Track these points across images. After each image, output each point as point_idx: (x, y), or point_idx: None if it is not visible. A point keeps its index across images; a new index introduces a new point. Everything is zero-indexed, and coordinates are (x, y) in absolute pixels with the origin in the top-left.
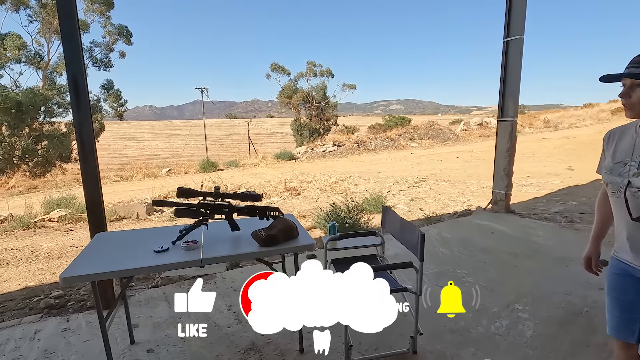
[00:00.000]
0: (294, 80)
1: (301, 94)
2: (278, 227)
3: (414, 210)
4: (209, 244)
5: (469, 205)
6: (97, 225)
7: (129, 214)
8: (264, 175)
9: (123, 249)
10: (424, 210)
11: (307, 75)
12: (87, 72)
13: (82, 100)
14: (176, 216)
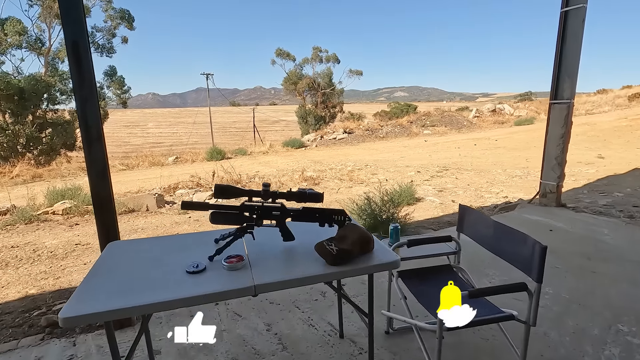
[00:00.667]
0: (299, 67)
1: (307, 81)
2: (352, 239)
3: (447, 202)
4: (257, 261)
5: (503, 197)
6: (106, 226)
7: (138, 206)
8: (274, 164)
9: (144, 268)
10: (457, 202)
11: (313, 61)
12: (90, 44)
13: (85, 74)
14: (213, 222)
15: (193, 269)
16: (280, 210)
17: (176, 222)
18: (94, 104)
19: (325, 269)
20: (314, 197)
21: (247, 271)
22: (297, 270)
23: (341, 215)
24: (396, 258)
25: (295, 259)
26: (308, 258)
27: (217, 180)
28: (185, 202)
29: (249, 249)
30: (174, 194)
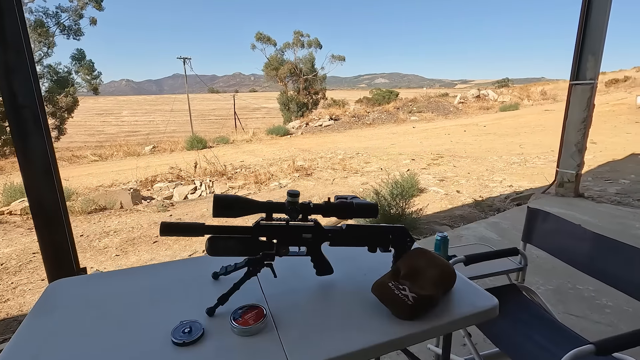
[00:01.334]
0: (280, 52)
1: (288, 66)
2: (429, 274)
3: (452, 193)
4: (284, 315)
5: (508, 186)
6: (53, 247)
7: (111, 203)
8: (260, 153)
9: (104, 332)
10: (463, 193)
11: (294, 46)
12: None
13: (9, 32)
14: (212, 253)
15: (182, 336)
16: (314, 231)
17: (155, 222)
18: (26, 76)
19: (397, 328)
20: (364, 209)
21: (270, 337)
22: (353, 332)
23: (403, 236)
24: (494, 303)
25: (343, 307)
26: (361, 305)
27: (201, 172)
28: (166, 224)
29: (267, 293)
30: (151, 187)
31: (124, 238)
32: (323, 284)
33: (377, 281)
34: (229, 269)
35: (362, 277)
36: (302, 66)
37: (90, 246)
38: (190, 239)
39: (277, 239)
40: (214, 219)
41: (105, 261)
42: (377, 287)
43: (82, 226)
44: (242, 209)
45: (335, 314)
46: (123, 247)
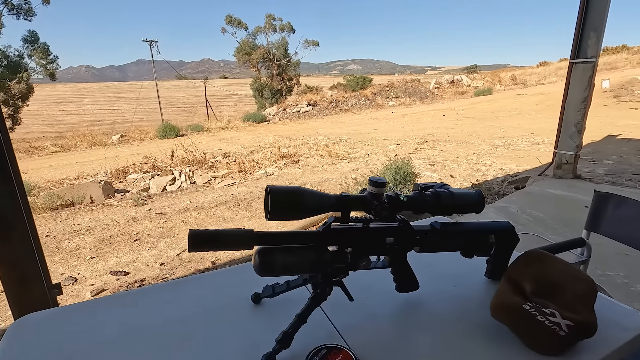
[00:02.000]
0: (252, 36)
1: (261, 51)
2: (577, 293)
3: (446, 178)
4: (367, 356)
5: (499, 169)
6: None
7: (79, 197)
8: (238, 141)
9: None
10: (457, 177)
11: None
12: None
13: None
14: (264, 273)
15: None
16: (401, 234)
17: (133, 218)
18: None
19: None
20: (467, 202)
21: None
22: None
23: (509, 235)
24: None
25: (448, 340)
26: (471, 334)
27: (178, 162)
28: (197, 234)
29: (339, 325)
30: (124, 179)
31: (99, 237)
32: (408, 304)
33: (500, 301)
34: (278, 290)
35: (452, 291)
36: (275, 51)
37: (59, 248)
38: (176, 235)
39: (353, 247)
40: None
41: (79, 265)
42: (506, 311)
43: (47, 225)
44: (309, 208)
45: (441, 351)
46: (98, 247)
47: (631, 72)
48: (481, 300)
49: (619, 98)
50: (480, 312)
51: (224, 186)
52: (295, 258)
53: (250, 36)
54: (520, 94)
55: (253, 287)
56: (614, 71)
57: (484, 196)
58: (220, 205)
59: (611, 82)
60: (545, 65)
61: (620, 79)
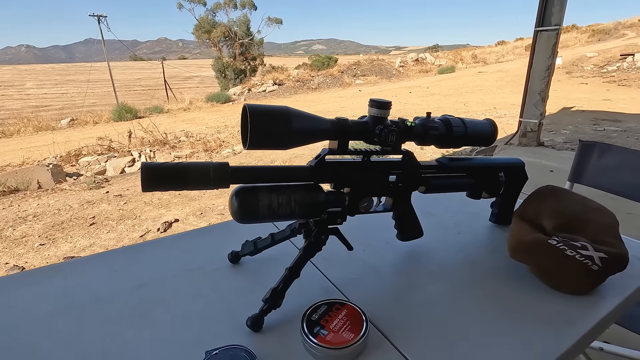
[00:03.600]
0: (211, 12)
1: (222, 29)
2: (605, 224)
3: (416, 151)
4: (376, 313)
5: None
6: None
7: (25, 183)
8: (201, 121)
9: None
10: (427, 150)
11: (226, 7)
12: None
13: None
14: (244, 219)
15: None
16: (406, 170)
17: (88, 202)
18: None
19: (574, 313)
20: (478, 133)
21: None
22: (504, 335)
23: (519, 174)
24: None
25: (462, 291)
26: (491, 281)
27: (137, 143)
28: (151, 168)
29: (335, 279)
30: (77, 163)
31: (49, 223)
32: (412, 254)
33: (519, 239)
34: (261, 245)
35: (457, 238)
36: (237, 29)
37: (2, 237)
38: (138, 216)
39: (352, 185)
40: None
41: (26, 253)
42: (528, 250)
43: None
44: (298, 134)
45: (454, 299)
46: (49, 233)
47: (581, 50)
48: (490, 245)
49: (570, 74)
50: (491, 256)
51: None
52: (283, 198)
53: (210, 12)
54: (482, 72)
55: (229, 247)
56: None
57: (497, 126)
58: None
59: (563, 60)
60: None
61: (572, 56)
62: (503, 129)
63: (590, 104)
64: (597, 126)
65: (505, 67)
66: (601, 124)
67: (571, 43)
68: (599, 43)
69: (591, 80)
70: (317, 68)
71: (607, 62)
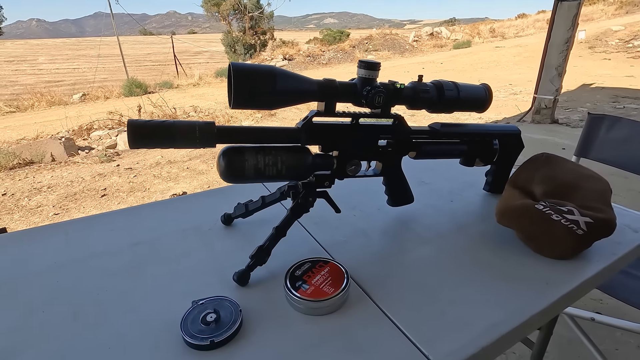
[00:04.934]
0: None
1: (231, 2)
2: (594, 190)
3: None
4: (360, 272)
5: (478, 118)
6: None
7: (39, 155)
8: (211, 97)
9: (52, 325)
10: None
11: None
12: None
13: None
14: (231, 178)
15: (206, 331)
16: (396, 134)
17: (100, 174)
18: None
19: (556, 277)
20: (471, 97)
21: (366, 314)
22: (486, 294)
23: (515, 142)
24: None
25: (450, 256)
26: (475, 247)
27: (146, 117)
28: (137, 125)
29: (323, 241)
30: (89, 136)
31: (62, 194)
32: (401, 219)
33: (507, 204)
34: (252, 207)
35: (449, 205)
36: (247, 2)
37: (18, 206)
38: (148, 189)
39: (340, 149)
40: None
41: (41, 222)
42: (515, 214)
43: (4, 184)
44: (284, 94)
45: (440, 261)
46: (62, 204)
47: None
48: (481, 212)
49: (593, 49)
50: (481, 223)
51: None
52: (270, 159)
53: None
54: (499, 46)
55: (223, 209)
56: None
57: (491, 91)
58: (194, 159)
59: (587, 34)
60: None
61: (596, 30)
62: (517, 105)
63: (612, 80)
64: (616, 104)
65: (524, 42)
66: (621, 101)
67: (597, 16)
68: (627, 16)
69: (615, 55)
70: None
71: (634, 36)
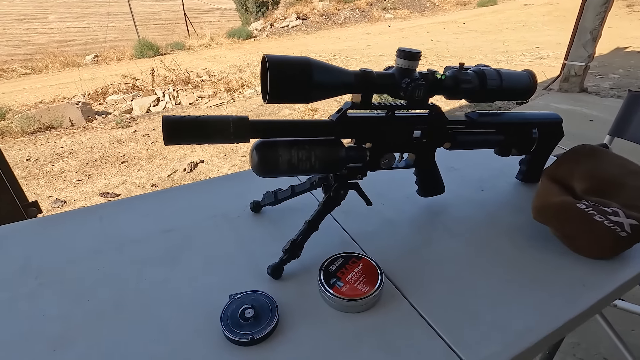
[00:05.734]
0: None
1: None
2: (637, 189)
3: None
4: (393, 268)
5: None
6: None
7: (58, 120)
8: (223, 59)
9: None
10: None
11: None
12: None
13: None
14: (265, 173)
15: (246, 327)
16: (432, 126)
17: (118, 140)
18: None
19: (597, 276)
20: (514, 86)
21: (400, 313)
22: (526, 294)
23: (555, 130)
24: None
25: (481, 249)
26: (509, 242)
27: (160, 82)
28: (173, 121)
29: (354, 233)
30: (104, 101)
31: (83, 160)
32: (430, 210)
33: (546, 201)
34: (281, 196)
35: (480, 195)
36: None
37: (43, 171)
38: (165, 156)
39: (374, 141)
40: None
41: (66, 188)
42: (554, 212)
43: (27, 149)
44: (320, 87)
45: (472, 255)
46: (84, 170)
47: None
48: (514, 203)
49: (632, 7)
50: (514, 215)
51: (211, 106)
52: (303, 154)
53: None
54: (527, 4)
55: (251, 195)
56: None
57: (536, 78)
58: None
59: None
60: None
61: None
62: (544, 72)
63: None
64: None
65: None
66: None
67: None
68: None
69: None
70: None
71: None
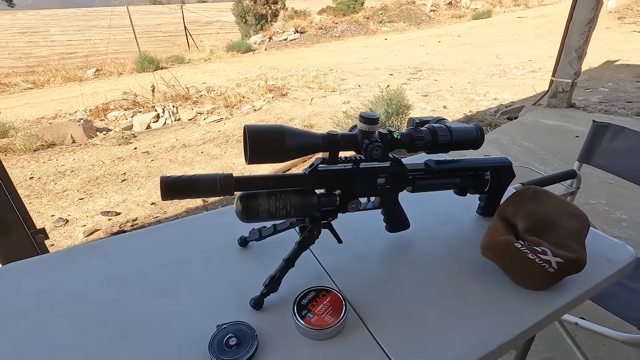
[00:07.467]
0: None
1: None
2: (569, 229)
3: (438, 109)
4: (357, 298)
5: (493, 99)
6: None
7: (60, 137)
8: (222, 73)
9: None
10: (450, 108)
11: None
12: None
13: None
14: (247, 219)
15: (230, 353)
16: (394, 174)
17: (118, 157)
18: None
19: (530, 305)
20: (463, 139)
21: (360, 341)
22: (469, 320)
23: (506, 172)
24: (631, 254)
25: (439, 280)
26: (463, 273)
27: (160, 97)
28: (169, 182)
29: (327, 265)
30: (105, 117)
31: (85, 178)
32: (397, 244)
33: (490, 240)
34: (265, 233)
35: (443, 229)
36: None
37: (45, 190)
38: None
39: (343, 189)
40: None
41: (68, 207)
42: (496, 250)
43: (30, 167)
44: (292, 150)
45: (429, 288)
46: (86, 188)
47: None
48: (472, 238)
49: (623, 20)
50: (470, 249)
51: (210, 122)
52: (280, 203)
53: None
54: (521, 17)
55: (239, 230)
56: None
57: (483, 131)
58: (208, 143)
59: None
60: None
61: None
62: (534, 86)
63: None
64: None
65: (549, 11)
66: None
67: None
68: None
69: None
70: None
71: None
